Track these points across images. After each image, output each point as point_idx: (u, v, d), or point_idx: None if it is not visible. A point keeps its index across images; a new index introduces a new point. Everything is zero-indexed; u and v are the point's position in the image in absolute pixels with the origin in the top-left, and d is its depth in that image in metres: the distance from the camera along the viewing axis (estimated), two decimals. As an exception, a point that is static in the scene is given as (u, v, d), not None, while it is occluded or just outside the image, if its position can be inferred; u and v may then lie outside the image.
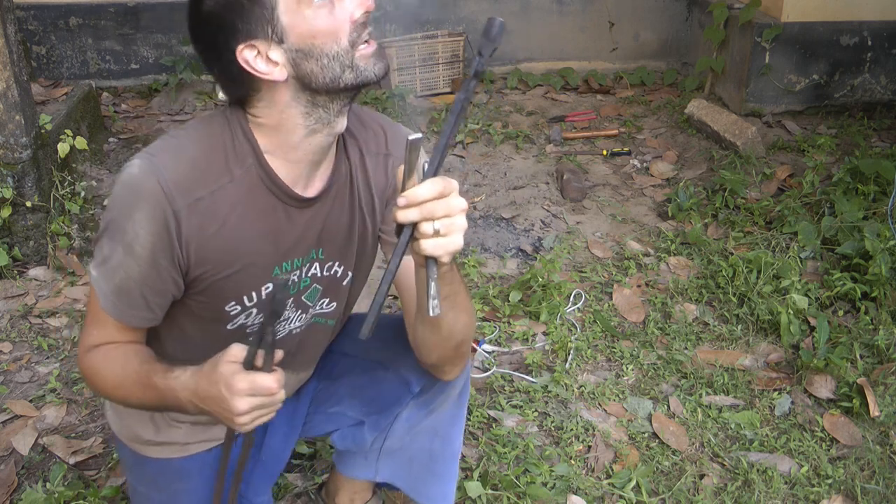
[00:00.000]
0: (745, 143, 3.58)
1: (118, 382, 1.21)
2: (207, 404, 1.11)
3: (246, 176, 1.18)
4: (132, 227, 1.12)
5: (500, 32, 0.93)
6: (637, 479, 1.92)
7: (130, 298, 1.18)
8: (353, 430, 1.55)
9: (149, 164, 1.13)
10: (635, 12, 4.62)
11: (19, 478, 1.90)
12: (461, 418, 1.53)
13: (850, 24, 3.94)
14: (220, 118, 1.20)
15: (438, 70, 4.32)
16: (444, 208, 0.98)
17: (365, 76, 1.14)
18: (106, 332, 1.22)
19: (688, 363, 2.34)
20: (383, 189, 1.33)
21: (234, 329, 1.29)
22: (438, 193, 0.98)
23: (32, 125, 2.67)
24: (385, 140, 1.33)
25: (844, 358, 2.28)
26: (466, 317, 1.24)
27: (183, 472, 1.43)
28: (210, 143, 1.17)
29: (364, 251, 1.37)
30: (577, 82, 4.52)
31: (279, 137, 1.18)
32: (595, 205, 3.29)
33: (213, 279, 1.21)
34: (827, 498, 1.91)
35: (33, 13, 3.99)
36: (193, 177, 1.14)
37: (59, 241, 2.72)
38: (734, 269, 2.68)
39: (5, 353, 2.33)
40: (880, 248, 2.59)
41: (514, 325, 2.49)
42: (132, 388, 1.20)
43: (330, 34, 1.09)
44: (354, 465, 1.60)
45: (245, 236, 1.20)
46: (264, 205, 1.20)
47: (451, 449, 1.54)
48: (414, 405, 1.47)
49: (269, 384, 1.06)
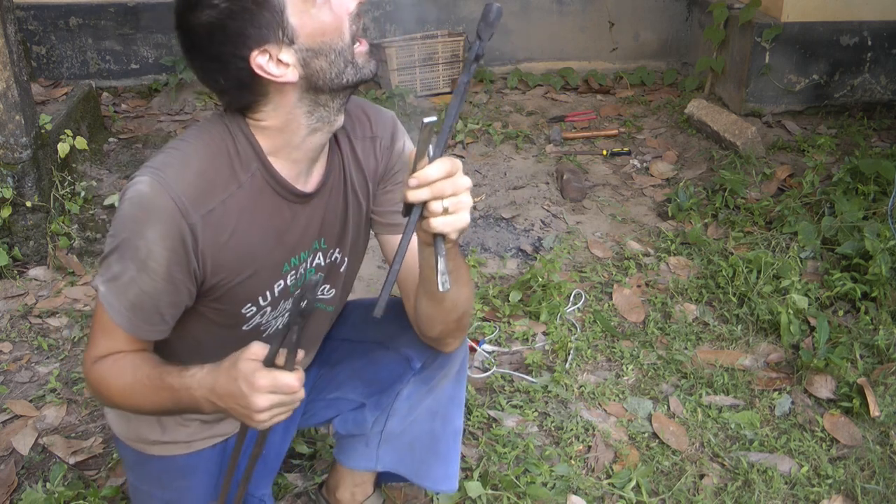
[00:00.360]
0: (745, 143, 3.58)
1: (129, 389, 1.19)
2: (225, 401, 1.10)
3: (252, 180, 1.20)
4: (145, 245, 1.12)
5: (497, 17, 0.95)
6: (637, 479, 1.92)
7: (145, 313, 1.18)
8: (354, 413, 1.57)
9: (158, 180, 1.12)
10: (635, 12, 4.62)
11: (19, 478, 1.90)
12: (461, 397, 1.56)
13: (850, 24, 3.94)
14: (219, 125, 1.20)
15: (438, 70, 4.32)
16: (451, 187, 1.02)
17: (363, 73, 1.18)
18: (114, 343, 1.22)
19: (688, 363, 2.34)
20: (374, 171, 1.37)
21: (250, 329, 1.31)
22: (447, 173, 1.01)
23: (32, 125, 2.67)
24: (370, 124, 1.37)
25: (844, 358, 2.28)
26: (468, 290, 1.28)
27: (187, 469, 1.44)
28: (213, 152, 1.18)
29: (358, 234, 1.40)
30: (577, 82, 4.52)
31: (282, 138, 1.20)
32: (595, 205, 3.29)
33: (229, 285, 1.22)
34: (827, 498, 1.91)
35: (33, 13, 3.99)
36: (204, 188, 1.15)
37: (59, 241, 2.72)
38: (734, 269, 2.68)
39: (5, 353, 2.33)
40: (880, 248, 2.59)
41: (514, 325, 2.49)
42: (144, 393, 1.19)
43: (335, 29, 1.13)
44: (355, 454, 1.61)
45: (255, 239, 1.22)
46: (271, 206, 1.22)
47: (452, 427, 1.56)
48: (415, 382, 1.50)
49: (291, 382, 1.06)
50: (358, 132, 1.35)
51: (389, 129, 1.39)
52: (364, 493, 1.76)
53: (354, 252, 1.43)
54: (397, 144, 1.39)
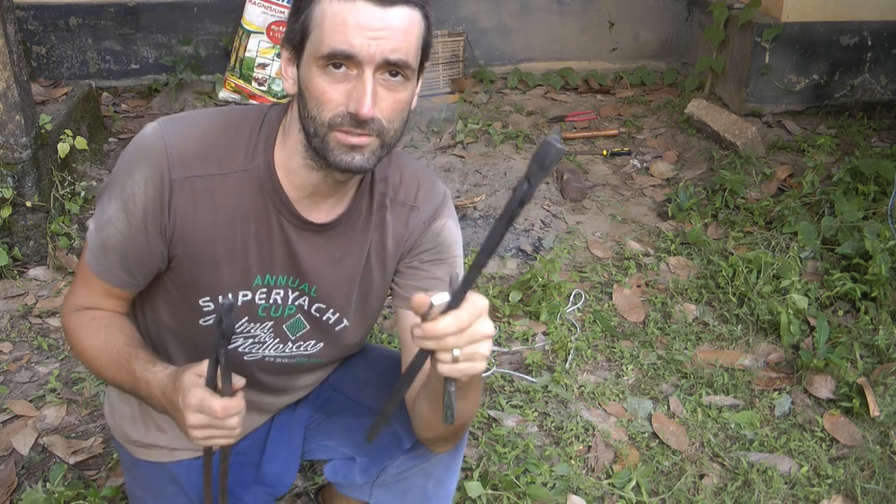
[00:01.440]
0: (745, 143, 3.58)
1: (97, 353, 1.20)
2: (169, 408, 1.11)
3: (251, 174, 1.16)
4: (131, 184, 1.13)
5: (557, 159, 0.77)
6: (637, 479, 1.92)
7: (115, 257, 1.17)
8: (345, 464, 1.51)
9: (162, 127, 1.14)
10: (635, 12, 4.62)
11: (19, 478, 1.90)
12: (456, 464, 1.47)
13: (850, 24, 3.94)
14: (257, 113, 1.20)
15: (438, 70, 4.31)
16: (466, 340, 0.94)
17: (328, 155, 1.08)
18: (93, 295, 1.22)
19: (688, 363, 2.34)
20: (400, 239, 1.27)
21: (206, 328, 1.25)
22: (457, 328, 0.93)
23: (32, 125, 2.67)
24: (416, 191, 1.27)
25: (844, 358, 2.28)
26: (473, 406, 1.20)
27: (175, 477, 1.42)
28: (231, 127, 1.17)
29: (367, 301, 1.32)
30: (577, 82, 4.52)
31: (285, 152, 1.16)
32: (595, 205, 3.29)
33: (190, 264, 1.19)
34: (827, 498, 1.91)
35: (33, 13, 3.99)
36: (199, 154, 1.14)
37: (59, 241, 2.72)
38: (734, 269, 2.68)
39: (5, 353, 2.33)
40: (880, 248, 2.59)
41: (514, 325, 2.49)
42: (109, 365, 1.19)
43: (315, 99, 1.06)
44: (349, 490, 1.56)
45: (233, 232, 1.18)
46: (261, 208, 1.18)
47: (446, 490, 1.48)
48: (404, 458, 1.42)
49: (214, 407, 1.02)
50: (400, 196, 1.26)
51: (435, 204, 1.28)
52: None
53: (360, 318, 1.33)
54: (437, 223, 1.28)
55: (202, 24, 4.17)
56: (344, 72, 1.04)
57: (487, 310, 0.97)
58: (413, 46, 1.06)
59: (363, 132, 1.06)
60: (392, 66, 1.04)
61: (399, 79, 1.06)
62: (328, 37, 1.03)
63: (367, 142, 1.07)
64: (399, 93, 1.07)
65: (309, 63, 1.06)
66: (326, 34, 1.03)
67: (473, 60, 4.54)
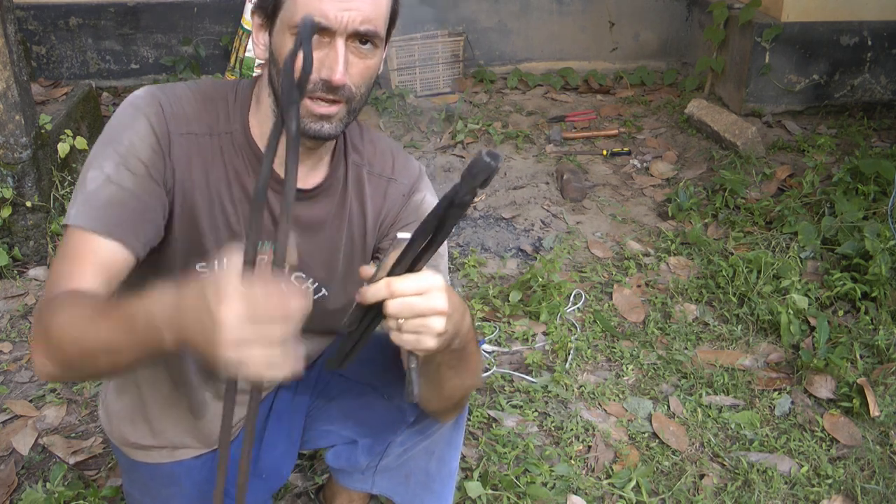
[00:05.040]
0: (745, 143, 3.58)
1: (74, 319, 0.97)
2: (189, 322, 0.82)
3: (235, 137, 1.20)
4: (130, 136, 1.13)
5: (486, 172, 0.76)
6: (637, 479, 1.92)
7: (114, 213, 1.08)
8: (348, 449, 1.52)
9: (151, 90, 1.17)
10: (635, 12, 4.62)
11: (19, 478, 1.90)
12: (458, 441, 1.50)
13: (850, 24, 3.94)
14: (229, 83, 1.23)
15: (438, 70, 4.32)
16: (408, 310, 0.95)
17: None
18: (80, 269, 1.06)
19: (688, 363, 2.34)
20: (378, 211, 1.30)
21: None
22: (388, 293, 0.95)
23: (32, 125, 2.67)
24: (392, 164, 1.30)
25: (844, 358, 2.28)
26: (471, 379, 1.21)
27: (173, 478, 1.42)
28: (209, 99, 1.20)
29: (352, 272, 1.32)
30: (577, 82, 4.52)
31: (258, 118, 1.20)
32: (595, 205, 3.29)
33: (186, 222, 1.18)
34: (827, 498, 1.91)
35: (33, 13, 3.99)
36: (188, 114, 1.18)
37: (59, 241, 2.72)
38: (734, 269, 2.68)
39: (5, 353, 2.33)
40: (880, 248, 2.59)
41: (514, 325, 2.49)
42: (93, 319, 0.95)
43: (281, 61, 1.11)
44: (351, 478, 1.58)
45: (221, 192, 1.19)
46: (243, 171, 1.20)
47: (448, 469, 1.50)
48: (408, 433, 1.44)
49: (272, 291, 0.77)
50: (376, 168, 1.29)
51: (413, 177, 1.32)
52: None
53: (340, 288, 1.32)
54: (416, 196, 1.31)
55: (202, 24, 4.17)
56: (317, 40, 1.07)
57: (442, 287, 0.96)
58: (382, 16, 1.11)
59: (335, 97, 1.09)
60: (362, 36, 1.09)
61: (368, 46, 1.10)
62: (302, 6, 1.06)
63: (335, 111, 1.11)
64: (369, 60, 1.11)
65: (282, 30, 1.10)
66: (300, 4, 1.07)
67: (473, 60, 4.54)
